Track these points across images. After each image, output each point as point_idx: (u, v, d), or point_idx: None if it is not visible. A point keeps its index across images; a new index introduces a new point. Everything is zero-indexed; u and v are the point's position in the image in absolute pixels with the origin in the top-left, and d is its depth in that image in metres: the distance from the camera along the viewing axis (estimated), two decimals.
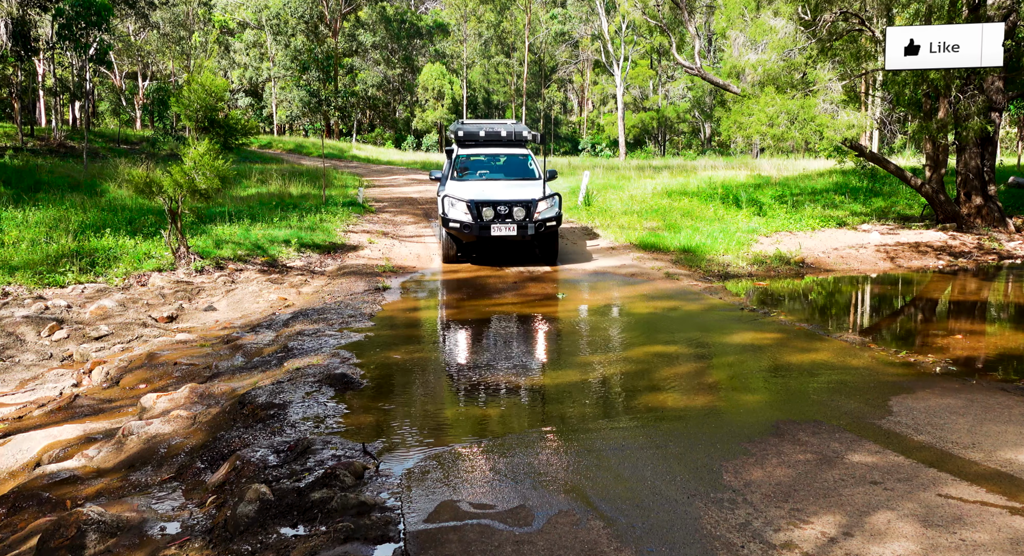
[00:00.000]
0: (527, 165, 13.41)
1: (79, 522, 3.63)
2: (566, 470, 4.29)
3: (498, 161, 13.55)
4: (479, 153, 13.49)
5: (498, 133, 13.25)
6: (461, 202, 11.66)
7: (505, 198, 11.69)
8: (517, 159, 13.51)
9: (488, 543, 3.47)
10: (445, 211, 11.82)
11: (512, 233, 11.54)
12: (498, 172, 13.28)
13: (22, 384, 6.94)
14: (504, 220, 11.55)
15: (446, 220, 11.77)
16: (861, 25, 15.45)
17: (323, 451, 4.43)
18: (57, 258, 11.17)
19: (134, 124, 53.67)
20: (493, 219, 11.54)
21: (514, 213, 11.58)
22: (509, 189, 12.17)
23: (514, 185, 12.42)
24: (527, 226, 11.57)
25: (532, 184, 12.52)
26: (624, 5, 28.35)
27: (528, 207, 11.65)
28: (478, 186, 12.29)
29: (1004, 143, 34.51)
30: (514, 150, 13.48)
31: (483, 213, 11.53)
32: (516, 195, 11.84)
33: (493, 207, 11.56)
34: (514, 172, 13.21)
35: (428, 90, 58.14)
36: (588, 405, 5.55)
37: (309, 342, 7.24)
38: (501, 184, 12.50)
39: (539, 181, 12.69)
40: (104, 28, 27.77)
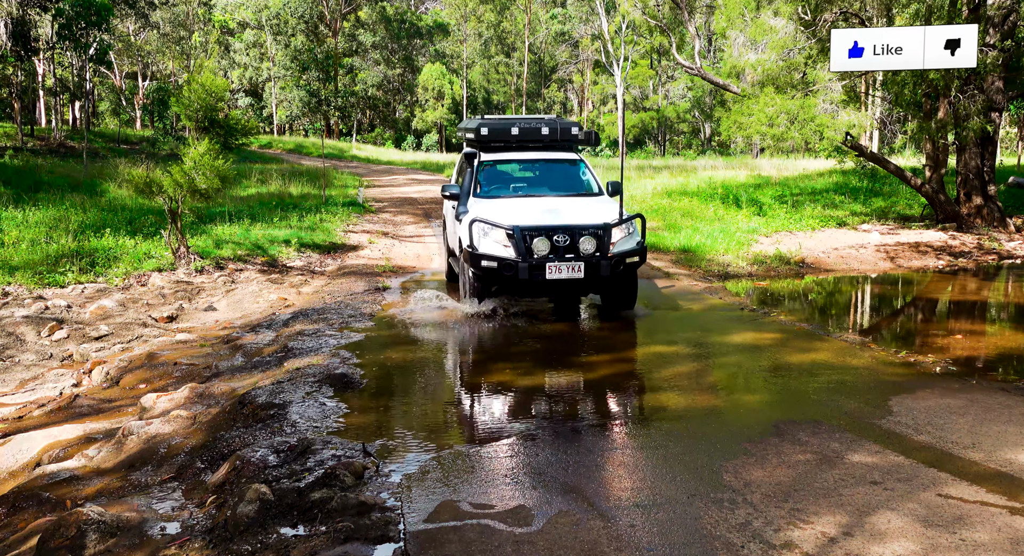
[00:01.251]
0: (580, 175, 9.62)
1: (79, 522, 3.63)
2: (566, 470, 4.29)
3: (538, 170, 9.82)
4: (511, 159, 9.66)
5: (536, 130, 9.58)
6: (498, 229, 7.94)
7: (565, 223, 8.00)
8: (565, 167, 9.70)
9: (488, 543, 3.47)
10: (474, 243, 7.98)
11: (578, 275, 7.79)
12: (539, 185, 9.49)
13: (22, 384, 6.94)
14: (564, 256, 7.85)
15: (475, 257, 7.92)
16: (861, 25, 15.45)
17: (323, 451, 4.43)
18: (57, 258, 11.18)
19: (134, 124, 53.68)
20: (548, 254, 7.82)
21: (580, 245, 7.86)
22: (565, 210, 8.48)
23: (570, 204, 8.77)
24: (599, 264, 7.81)
25: (595, 202, 8.86)
26: (624, 5, 28.36)
27: (600, 236, 7.92)
28: (517, 206, 8.58)
29: (1004, 143, 34.54)
30: (559, 154, 9.72)
31: (534, 246, 7.80)
32: (579, 218, 8.16)
33: (548, 236, 7.85)
34: (563, 185, 9.46)
35: (428, 90, 58.15)
36: (587, 405, 5.55)
37: (309, 342, 7.24)
38: (549, 202, 8.77)
39: (602, 197, 9.12)
40: (104, 28, 27.79)
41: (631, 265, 8.11)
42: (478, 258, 7.89)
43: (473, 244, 7.96)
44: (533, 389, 5.86)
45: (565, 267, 7.77)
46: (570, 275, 7.80)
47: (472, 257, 7.95)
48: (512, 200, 8.91)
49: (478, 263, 7.90)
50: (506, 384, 5.96)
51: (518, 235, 7.83)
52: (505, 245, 7.88)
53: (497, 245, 7.91)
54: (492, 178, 9.52)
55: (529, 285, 7.94)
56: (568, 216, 8.22)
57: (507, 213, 8.22)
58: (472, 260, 7.96)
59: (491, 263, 7.84)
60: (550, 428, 4.97)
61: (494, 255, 7.85)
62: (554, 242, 7.85)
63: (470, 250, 7.96)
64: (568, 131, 9.64)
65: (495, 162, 9.64)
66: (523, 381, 6.11)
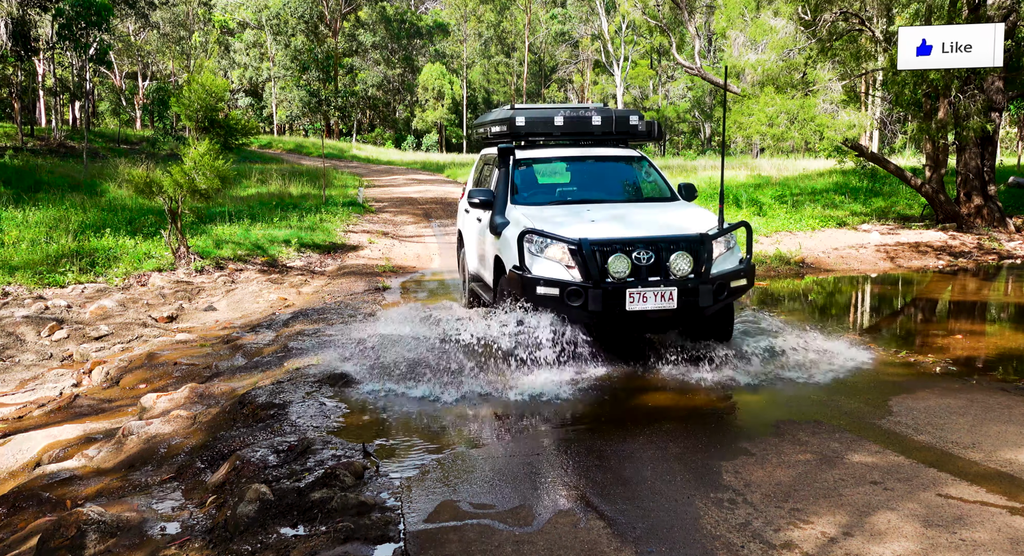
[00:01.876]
0: (645, 176, 7.81)
1: (79, 522, 3.63)
2: (566, 470, 4.29)
3: (591, 170, 7.89)
4: (556, 156, 7.81)
5: (586, 120, 7.75)
6: (557, 245, 6.08)
7: (648, 235, 6.15)
8: (625, 166, 7.87)
9: (488, 543, 3.47)
10: (525, 263, 6.15)
11: (669, 305, 5.94)
12: (593, 189, 7.60)
13: (22, 384, 6.94)
14: (648, 280, 5.96)
15: (526, 283, 6.07)
16: (861, 25, 15.47)
17: (323, 451, 4.44)
18: (57, 258, 11.18)
19: (134, 124, 53.69)
20: (628, 277, 5.97)
21: (671, 264, 5.99)
22: (640, 218, 6.63)
23: (643, 211, 6.94)
24: (698, 290, 5.99)
25: (674, 208, 7.04)
26: (624, 5, 28.37)
27: (696, 251, 6.08)
28: (573, 215, 6.63)
29: (1004, 143, 34.55)
30: (616, 150, 7.92)
31: (609, 266, 5.92)
32: (665, 228, 6.32)
33: (627, 253, 5.98)
34: (623, 188, 7.73)
35: (428, 90, 58.17)
36: (583, 406, 5.55)
37: (309, 342, 7.24)
38: (614, 210, 6.88)
39: (680, 203, 7.36)
40: (104, 28, 27.79)
41: (736, 291, 6.22)
42: (531, 284, 5.96)
43: (523, 265, 6.06)
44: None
45: (652, 295, 5.87)
46: (658, 305, 5.88)
47: (522, 283, 6.02)
48: (562, 208, 6.93)
49: (531, 291, 5.98)
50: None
51: (587, 251, 5.89)
52: (568, 265, 5.99)
53: (556, 266, 6.03)
54: (531, 180, 7.61)
55: (602, 319, 6.00)
56: (649, 226, 6.32)
57: (563, 224, 6.29)
58: (523, 287, 6.03)
59: (550, 290, 5.91)
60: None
61: (553, 279, 5.93)
62: (635, 260, 5.95)
63: (519, 274, 6.04)
64: (625, 121, 7.81)
65: (535, 160, 7.66)
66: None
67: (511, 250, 6.34)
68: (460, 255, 9.25)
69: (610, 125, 7.83)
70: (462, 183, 31.75)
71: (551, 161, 7.88)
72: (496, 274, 6.92)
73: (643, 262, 5.98)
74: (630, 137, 7.99)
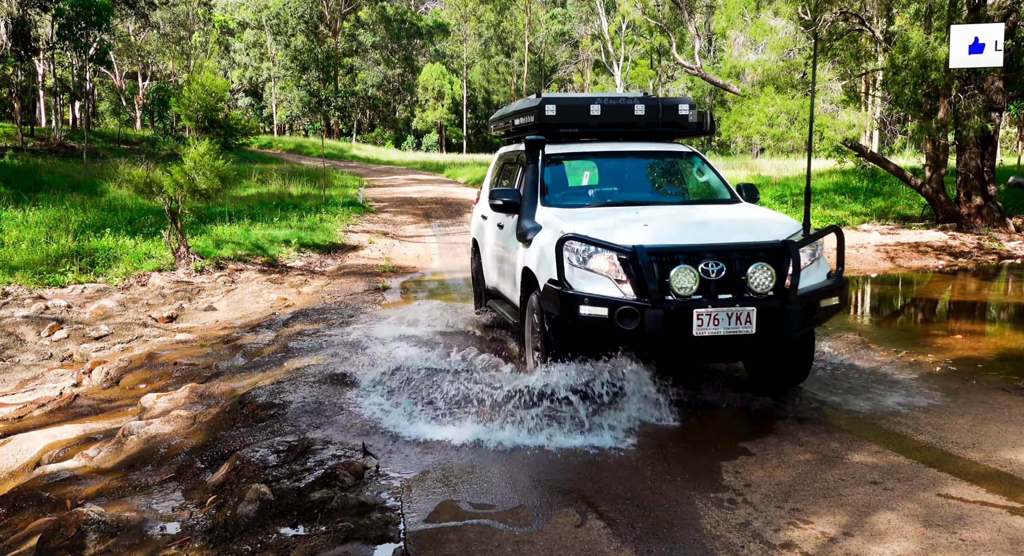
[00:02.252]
0: (697, 175, 6.82)
1: (79, 522, 3.63)
2: (566, 471, 4.29)
3: (635, 168, 6.85)
4: (592, 151, 6.74)
5: (627, 109, 6.65)
6: (605, 254, 5.04)
7: (719, 241, 5.07)
8: (672, 164, 6.90)
9: (488, 543, 3.47)
10: (565, 276, 5.09)
11: (746, 330, 4.88)
12: (637, 189, 6.68)
13: (22, 384, 6.94)
14: (719, 298, 4.93)
15: (567, 301, 5.00)
16: (861, 25, 15.47)
17: (323, 451, 4.43)
18: (57, 258, 11.18)
19: (134, 124, 53.70)
20: (695, 293, 4.90)
21: (750, 279, 4.90)
22: (704, 222, 5.50)
23: (704, 214, 5.81)
24: (784, 311, 4.93)
25: (739, 211, 5.92)
26: (624, 5, 28.36)
27: (780, 262, 5.04)
28: (621, 218, 5.52)
29: (1004, 143, 34.55)
30: (663, 146, 6.86)
31: (672, 280, 4.86)
32: (737, 233, 5.21)
33: (692, 263, 4.93)
34: (673, 189, 6.82)
35: (428, 90, 58.17)
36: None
37: (309, 342, 7.24)
38: (669, 213, 5.81)
39: (743, 205, 6.26)
40: (104, 28, 27.80)
41: (826, 312, 5.17)
42: (572, 303, 4.90)
43: (562, 279, 4.99)
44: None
45: (726, 316, 4.79)
46: (733, 329, 4.82)
47: (561, 302, 4.96)
48: (603, 210, 5.86)
49: (571, 311, 4.92)
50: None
51: (644, 262, 4.81)
52: (618, 279, 4.94)
53: (603, 281, 4.97)
54: (564, 179, 6.63)
55: (662, 347, 5.00)
56: (717, 231, 5.21)
57: (609, 228, 5.21)
58: (561, 306, 4.97)
59: (596, 311, 4.85)
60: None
61: (601, 297, 4.86)
62: (703, 273, 4.86)
63: (557, 290, 5.00)
64: (674, 111, 6.69)
65: (568, 156, 6.65)
66: None
67: (545, 261, 5.32)
68: (475, 267, 8.34)
69: (655, 115, 6.68)
70: (462, 183, 31.77)
71: (587, 157, 6.75)
72: (524, 290, 5.92)
73: (712, 276, 4.88)
74: (678, 130, 6.90)
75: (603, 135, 6.85)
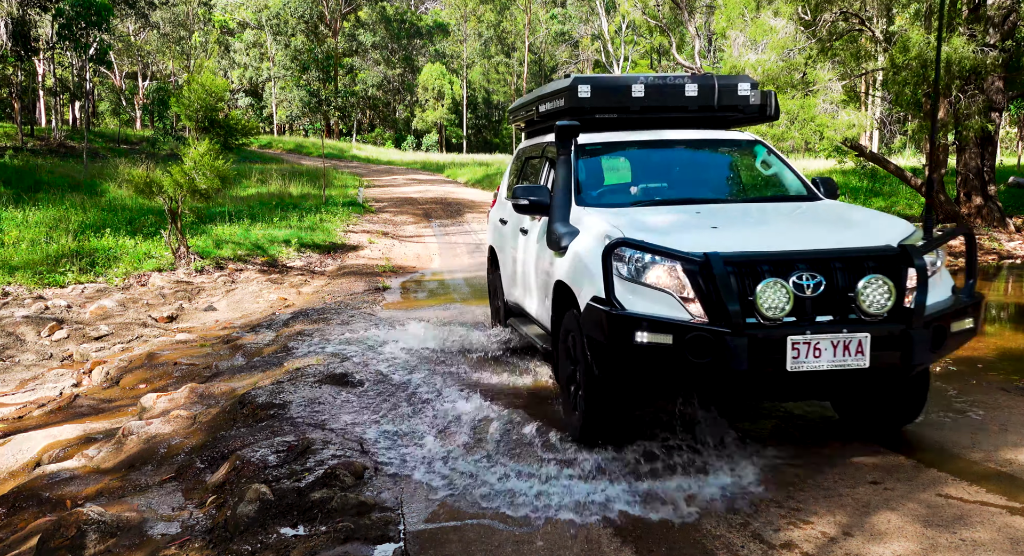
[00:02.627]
0: (763, 168, 5.74)
1: (79, 522, 3.63)
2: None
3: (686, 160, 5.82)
4: (635, 140, 5.69)
5: (677, 90, 5.64)
6: (666, 263, 3.94)
7: (815, 247, 3.99)
8: (733, 155, 5.88)
9: (488, 543, 3.47)
10: (616, 297, 3.95)
11: (858, 363, 3.78)
12: (693, 185, 5.57)
13: (22, 384, 6.94)
14: (818, 322, 3.85)
15: (618, 325, 3.88)
16: (861, 25, 15.47)
17: (323, 451, 4.43)
18: (57, 258, 11.18)
19: (134, 124, 53.71)
20: (791, 313, 3.82)
21: (861, 295, 3.81)
22: (785, 224, 4.68)
23: (780, 214, 4.95)
24: (909, 338, 3.80)
25: (828, 210, 4.99)
26: (624, 5, 28.37)
27: (895, 271, 3.91)
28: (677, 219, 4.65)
29: (1004, 143, 34.55)
30: (720, 134, 5.84)
31: (759, 298, 3.75)
32: (833, 237, 4.16)
33: (782, 274, 3.85)
34: (734, 185, 5.78)
35: (428, 90, 58.20)
36: None
37: (309, 342, 7.24)
38: (733, 212, 4.84)
39: (828, 202, 5.28)
40: (104, 28, 27.82)
41: (958, 338, 4.12)
42: (624, 327, 3.83)
43: (611, 296, 3.90)
44: None
45: (830, 345, 3.75)
46: (840, 363, 3.76)
47: (611, 326, 3.89)
48: (655, 209, 4.82)
49: (624, 338, 3.83)
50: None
51: (720, 273, 3.75)
52: (684, 297, 3.85)
53: (665, 298, 3.87)
54: (601, 174, 5.56)
55: (745, 385, 3.92)
56: (809, 234, 4.24)
57: (667, 232, 4.16)
58: (610, 332, 3.90)
59: (657, 338, 3.77)
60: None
61: (663, 319, 3.79)
62: (795, 289, 3.80)
63: (604, 310, 3.92)
64: (732, 91, 5.64)
65: (606, 146, 5.58)
66: None
67: (586, 273, 4.26)
68: (492, 280, 7.40)
69: (710, 97, 5.63)
70: (462, 183, 31.77)
71: (630, 147, 5.65)
72: (557, 309, 4.89)
73: (808, 291, 3.79)
74: (736, 115, 5.86)
75: (647, 122, 5.77)
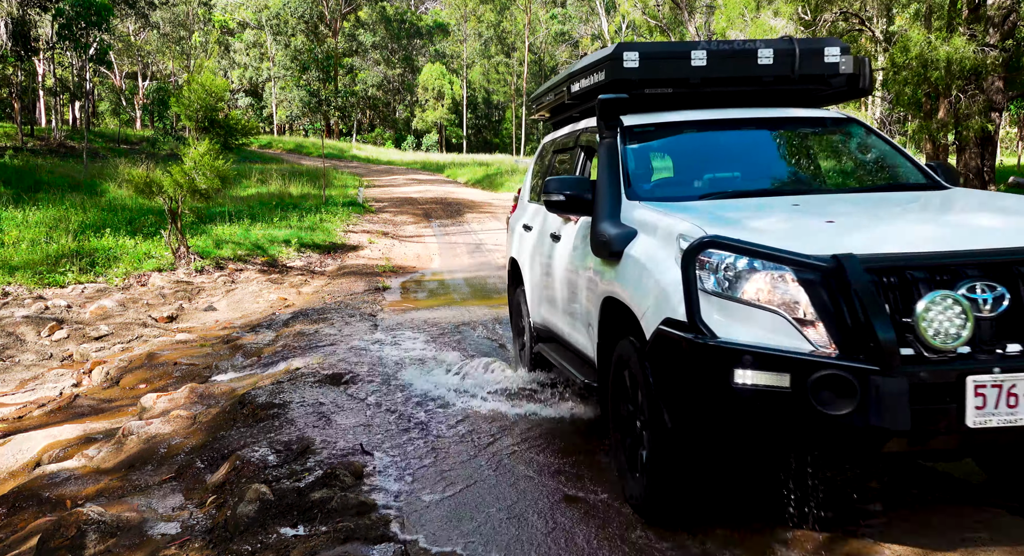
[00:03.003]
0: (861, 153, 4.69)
1: (79, 522, 3.63)
2: (557, 474, 4.29)
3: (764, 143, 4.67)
4: (700, 120, 4.54)
5: (748, 57, 4.47)
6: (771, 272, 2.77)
7: (993, 247, 2.81)
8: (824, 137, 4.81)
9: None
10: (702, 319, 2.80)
11: None
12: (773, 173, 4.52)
13: (22, 384, 6.94)
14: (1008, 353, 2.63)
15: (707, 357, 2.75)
16: (861, 25, 15.48)
17: (323, 451, 4.43)
18: (57, 258, 11.19)
19: (134, 124, 53.72)
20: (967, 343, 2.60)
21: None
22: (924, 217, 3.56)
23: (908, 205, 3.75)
24: None
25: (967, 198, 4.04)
26: (624, 5, 28.38)
27: None
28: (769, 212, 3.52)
29: (1004, 143, 34.55)
30: (803, 112, 4.70)
31: (921, 320, 2.57)
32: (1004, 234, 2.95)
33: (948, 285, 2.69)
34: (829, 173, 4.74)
35: (428, 90, 58.22)
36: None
37: (309, 342, 7.24)
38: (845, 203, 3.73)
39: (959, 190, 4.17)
40: (104, 28, 27.84)
41: None
42: (720, 363, 2.77)
43: (695, 317, 2.85)
44: None
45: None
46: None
47: (698, 359, 2.85)
48: (737, 203, 3.81)
49: (719, 379, 2.77)
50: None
51: (861, 283, 2.67)
52: (802, 318, 2.76)
53: (774, 321, 2.79)
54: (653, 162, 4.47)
55: (904, 445, 2.72)
56: (967, 229, 3.24)
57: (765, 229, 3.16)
58: (699, 368, 2.86)
59: (771, 379, 2.69)
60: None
61: (779, 351, 2.71)
62: (972, 303, 2.69)
63: (688, 339, 2.88)
64: (817, 58, 4.45)
65: (662, 127, 4.48)
66: None
67: (653, 285, 3.18)
68: (514, 297, 6.19)
69: (790, 65, 4.45)
70: (462, 183, 31.75)
71: (690, 129, 4.53)
72: (606, 333, 3.84)
73: (986, 309, 2.71)
74: (821, 88, 4.69)
75: (708, 98, 4.64)
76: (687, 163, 4.57)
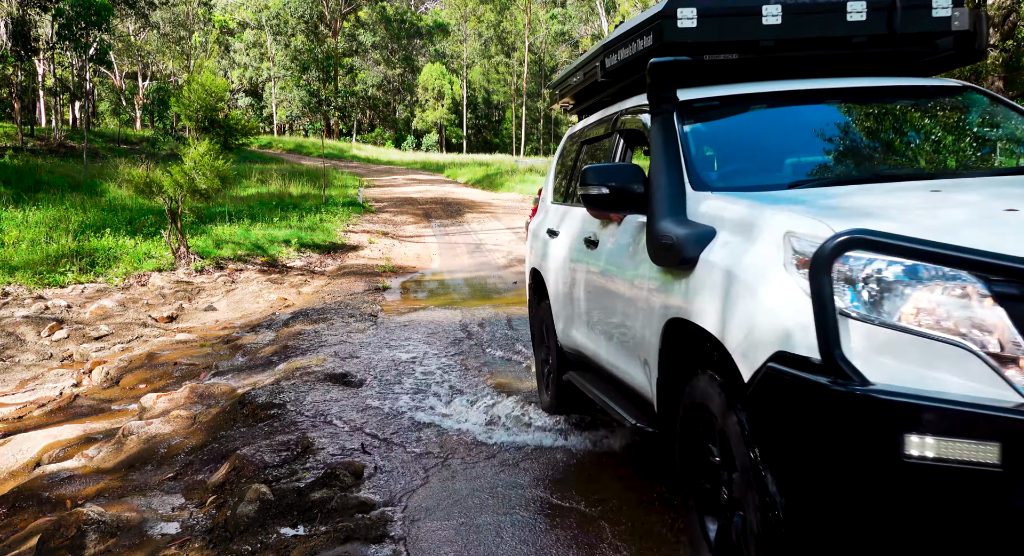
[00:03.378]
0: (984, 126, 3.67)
1: (79, 522, 3.63)
2: (557, 473, 4.30)
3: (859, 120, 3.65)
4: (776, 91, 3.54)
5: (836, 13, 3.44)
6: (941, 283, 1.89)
7: None
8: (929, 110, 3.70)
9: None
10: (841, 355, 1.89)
11: None
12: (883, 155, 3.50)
13: (22, 384, 6.94)
14: None
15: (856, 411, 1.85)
16: None
17: (323, 451, 4.44)
18: (57, 258, 11.19)
19: (134, 124, 53.72)
20: None
21: None
22: None
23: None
24: None
25: None
26: (624, 5, 28.36)
27: None
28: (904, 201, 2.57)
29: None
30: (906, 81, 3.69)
31: None
32: None
33: None
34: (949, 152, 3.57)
35: (428, 90, 58.24)
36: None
37: (309, 342, 7.24)
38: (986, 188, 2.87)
39: None
40: (104, 28, 27.84)
41: None
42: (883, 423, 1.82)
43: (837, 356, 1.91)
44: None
45: None
46: None
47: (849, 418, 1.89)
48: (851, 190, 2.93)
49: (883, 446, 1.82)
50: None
51: None
52: (998, 353, 1.83)
53: (955, 358, 1.86)
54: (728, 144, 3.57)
55: None
56: None
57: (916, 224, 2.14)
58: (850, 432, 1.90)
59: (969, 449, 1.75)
60: None
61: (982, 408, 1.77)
62: None
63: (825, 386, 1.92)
64: (923, 13, 3.53)
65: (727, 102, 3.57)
66: None
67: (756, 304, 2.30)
68: (537, 314, 5.32)
69: (888, 22, 3.52)
70: (462, 183, 31.72)
71: (766, 102, 3.63)
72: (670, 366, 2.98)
73: None
74: (926, 50, 3.77)
75: (784, 65, 3.73)
76: (764, 145, 3.58)
